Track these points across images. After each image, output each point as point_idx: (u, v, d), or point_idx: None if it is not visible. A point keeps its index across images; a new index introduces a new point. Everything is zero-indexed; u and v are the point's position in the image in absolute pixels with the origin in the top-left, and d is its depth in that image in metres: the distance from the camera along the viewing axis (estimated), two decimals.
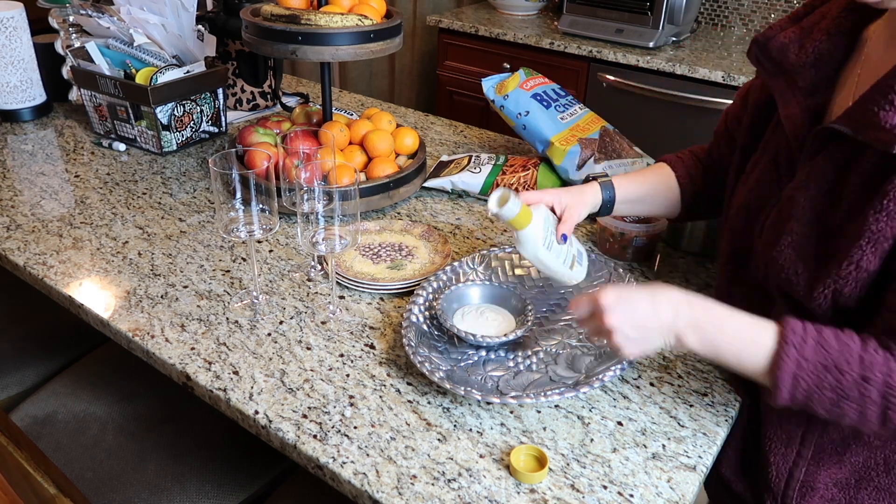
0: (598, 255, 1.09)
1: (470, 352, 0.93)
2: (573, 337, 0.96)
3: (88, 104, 1.57)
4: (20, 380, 1.33)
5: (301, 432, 0.81)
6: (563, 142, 1.32)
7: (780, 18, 0.86)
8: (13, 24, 1.55)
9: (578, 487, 0.76)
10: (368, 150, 1.33)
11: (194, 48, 1.54)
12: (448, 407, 0.86)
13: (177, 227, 1.23)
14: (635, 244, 1.14)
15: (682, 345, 0.76)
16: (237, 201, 0.95)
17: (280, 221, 1.19)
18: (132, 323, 0.99)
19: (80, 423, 1.19)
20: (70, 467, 1.11)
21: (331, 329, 0.99)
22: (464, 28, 2.74)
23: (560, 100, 1.40)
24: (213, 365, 0.91)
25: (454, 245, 1.20)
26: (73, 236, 1.19)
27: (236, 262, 1.14)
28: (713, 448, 0.81)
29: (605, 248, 1.18)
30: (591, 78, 2.51)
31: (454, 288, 0.99)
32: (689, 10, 2.47)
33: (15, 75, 1.59)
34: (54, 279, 1.08)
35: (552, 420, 0.84)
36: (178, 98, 1.48)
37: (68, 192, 1.34)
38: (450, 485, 0.75)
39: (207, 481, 1.09)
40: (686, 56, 2.38)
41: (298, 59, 1.19)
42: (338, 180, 1.11)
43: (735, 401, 0.88)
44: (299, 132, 1.22)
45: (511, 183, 1.32)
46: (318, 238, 0.95)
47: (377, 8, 1.27)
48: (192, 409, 1.21)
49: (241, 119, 1.74)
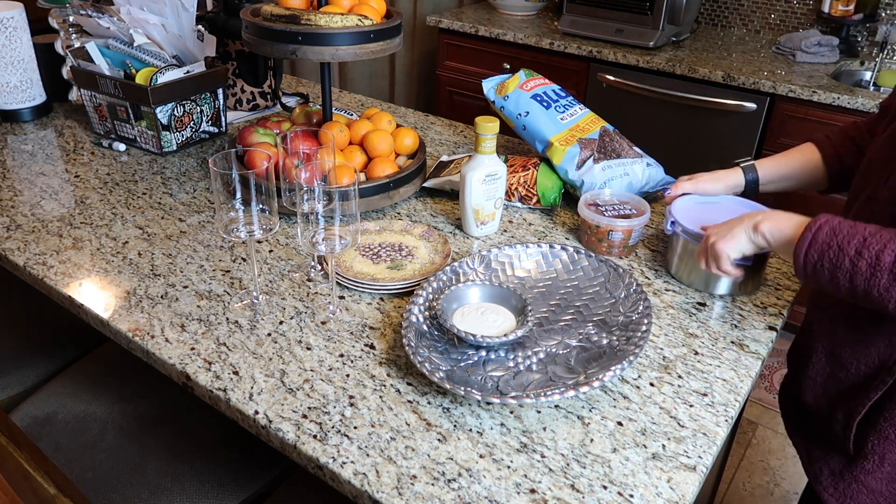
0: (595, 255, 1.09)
1: (470, 352, 0.93)
2: (573, 337, 0.97)
3: (88, 104, 1.57)
4: (20, 380, 1.33)
5: (301, 432, 0.81)
6: (563, 142, 1.32)
7: None
8: (13, 24, 1.55)
9: (578, 487, 0.76)
10: (368, 151, 1.33)
11: (194, 48, 1.54)
12: (448, 407, 0.86)
13: (177, 227, 1.23)
14: (612, 238, 1.15)
15: (759, 233, 0.90)
16: (237, 201, 0.95)
17: (280, 221, 1.19)
18: (132, 323, 0.99)
19: (80, 423, 1.19)
20: (70, 467, 1.11)
21: (331, 329, 0.99)
22: (464, 28, 2.74)
23: (560, 100, 1.40)
24: (213, 365, 0.91)
25: (454, 245, 1.20)
26: (73, 236, 1.19)
27: (236, 262, 1.14)
28: (713, 448, 0.81)
29: (583, 240, 1.20)
30: (591, 78, 2.51)
31: (454, 288, 0.99)
32: (689, 10, 2.47)
33: (15, 75, 1.59)
34: (54, 279, 1.08)
35: (552, 420, 0.84)
36: (178, 98, 1.48)
37: (68, 193, 1.34)
38: (450, 485, 0.75)
39: (207, 481, 1.09)
40: (686, 56, 2.38)
41: (298, 59, 1.19)
42: (338, 180, 1.11)
43: (735, 401, 0.88)
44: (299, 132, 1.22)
45: (511, 183, 1.32)
46: (318, 238, 0.95)
47: (377, 8, 1.27)
48: (192, 409, 1.21)
49: (241, 119, 1.74)
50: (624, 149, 1.35)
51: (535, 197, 1.32)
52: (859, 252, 0.78)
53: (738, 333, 1.01)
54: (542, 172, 1.33)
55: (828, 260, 0.81)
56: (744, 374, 0.93)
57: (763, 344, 0.99)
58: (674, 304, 1.07)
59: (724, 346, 0.98)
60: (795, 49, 2.40)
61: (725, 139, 2.29)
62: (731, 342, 0.99)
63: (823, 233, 0.82)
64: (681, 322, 1.03)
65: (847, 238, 0.80)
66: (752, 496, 1.93)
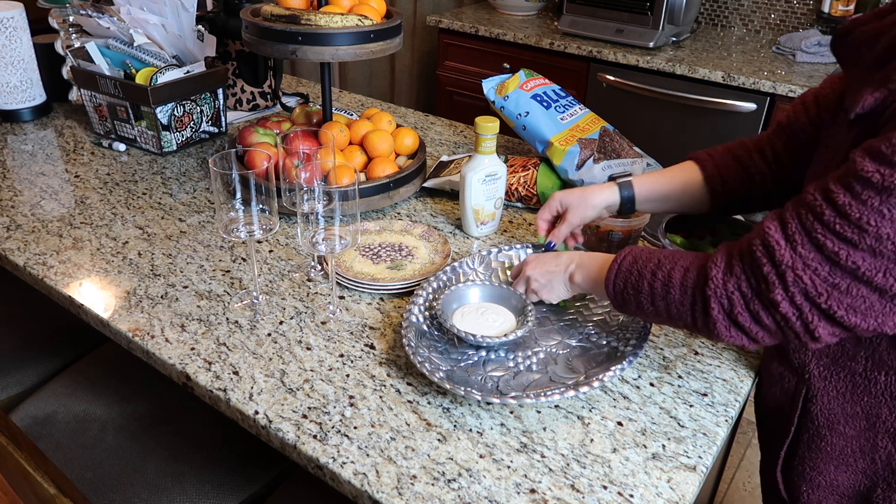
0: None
1: (470, 352, 0.93)
2: (573, 337, 0.97)
3: (88, 104, 1.57)
4: (20, 380, 1.33)
5: (301, 432, 0.81)
6: (563, 142, 1.32)
7: (862, 14, 0.85)
8: (13, 24, 1.55)
9: (578, 487, 0.76)
10: (368, 151, 1.33)
11: (194, 48, 1.54)
12: (448, 407, 0.86)
13: (177, 227, 1.23)
14: (612, 238, 1.14)
15: (574, 284, 0.92)
16: (237, 201, 0.95)
17: (280, 221, 1.19)
18: (132, 323, 0.99)
19: (80, 423, 1.19)
20: (70, 467, 1.11)
21: (331, 329, 0.99)
22: (464, 28, 2.74)
23: (560, 100, 1.40)
24: (213, 365, 0.91)
25: (454, 245, 1.20)
26: (73, 236, 1.19)
27: (236, 263, 1.14)
28: (713, 448, 0.81)
29: (583, 240, 1.19)
30: (591, 78, 2.51)
31: (454, 288, 0.99)
32: (689, 10, 2.47)
33: (15, 75, 1.59)
34: (54, 279, 1.08)
35: (552, 420, 0.84)
36: (178, 98, 1.48)
37: (68, 193, 1.34)
38: (450, 485, 0.75)
39: (207, 481, 1.09)
40: (686, 56, 2.38)
41: (298, 59, 1.19)
42: (338, 180, 1.11)
43: (735, 401, 0.88)
44: (299, 132, 1.22)
45: (511, 183, 1.32)
46: (318, 238, 0.95)
47: (377, 8, 1.27)
48: (192, 409, 1.21)
49: (241, 119, 1.74)
50: (624, 149, 1.35)
51: (535, 197, 1.32)
52: (654, 273, 0.80)
53: None
54: (542, 172, 1.33)
55: (631, 286, 0.82)
56: (744, 374, 0.93)
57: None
58: None
59: (724, 346, 0.98)
60: (795, 49, 2.40)
61: (725, 139, 2.26)
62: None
63: (627, 261, 0.83)
64: None
65: (645, 262, 0.81)
66: (752, 496, 1.93)
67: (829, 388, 0.83)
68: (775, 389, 0.90)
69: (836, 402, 0.83)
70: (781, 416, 0.90)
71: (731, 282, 0.73)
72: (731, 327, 0.74)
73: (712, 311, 0.74)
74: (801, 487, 0.89)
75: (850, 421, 0.82)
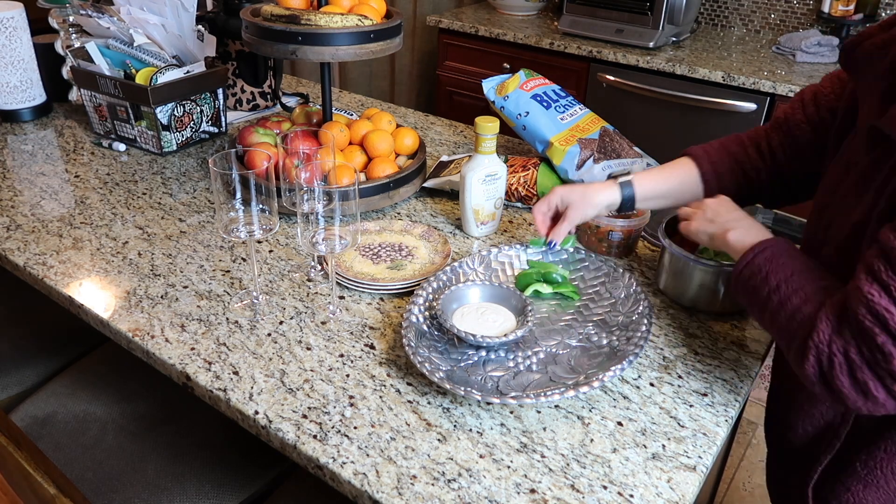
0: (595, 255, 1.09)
1: (470, 352, 0.93)
2: (573, 337, 0.97)
3: (88, 104, 1.57)
4: (20, 380, 1.33)
5: (301, 432, 0.81)
6: (563, 142, 1.32)
7: (869, 25, 0.85)
8: (13, 24, 1.55)
9: (578, 487, 0.76)
10: (368, 151, 1.33)
11: (194, 48, 1.54)
12: (448, 407, 0.86)
13: (177, 227, 1.23)
14: (611, 238, 1.14)
15: (721, 239, 0.90)
16: (237, 201, 0.95)
17: (280, 221, 1.19)
18: (132, 323, 0.99)
19: (80, 423, 1.19)
20: (70, 467, 1.11)
21: (331, 329, 0.99)
22: (464, 28, 2.74)
23: (560, 100, 1.40)
24: (213, 365, 0.91)
25: (454, 245, 1.20)
26: (73, 236, 1.19)
27: (236, 263, 1.14)
28: (713, 448, 0.81)
29: (583, 240, 1.19)
30: (591, 78, 2.51)
31: (454, 288, 0.99)
32: (689, 10, 2.47)
33: (15, 75, 1.59)
34: (54, 279, 1.08)
35: (552, 420, 0.84)
36: (178, 98, 1.48)
37: (68, 193, 1.34)
38: (450, 485, 0.75)
39: (207, 481, 1.09)
40: (686, 56, 2.38)
41: (298, 59, 1.19)
42: (338, 180, 1.11)
43: (735, 401, 0.88)
44: (299, 132, 1.22)
45: (511, 183, 1.32)
46: (318, 238, 0.95)
47: (377, 8, 1.27)
48: (192, 409, 1.21)
49: (241, 119, 1.74)
50: (624, 149, 1.35)
51: (535, 197, 1.32)
52: (778, 287, 0.79)
53: (738, 333, 1.01)
54: (542, 172, 1.33)
55: (753, 283, 0.82)
56: (744, 374, 0.93)
57: (763, 344, 0.99)
58: (674, 304, 1.07)
59: (724, 346, 0.98)
60: (795, 49, 2.40)
61: None
62: (731, 342, 0.99)
63: (761, 257, 0.83)
64: (681, 322, 1.03)
65: (775, 270, 0.80)
66: (752, 496, 1.93)
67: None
68: (822, 406, 0.89)
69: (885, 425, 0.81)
70: (827, 431, 0.88)
71: (838, 343, 0.70)
72: (818, 384, 0.73)
73: (807, 361, 0.72)
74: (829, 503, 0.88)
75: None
